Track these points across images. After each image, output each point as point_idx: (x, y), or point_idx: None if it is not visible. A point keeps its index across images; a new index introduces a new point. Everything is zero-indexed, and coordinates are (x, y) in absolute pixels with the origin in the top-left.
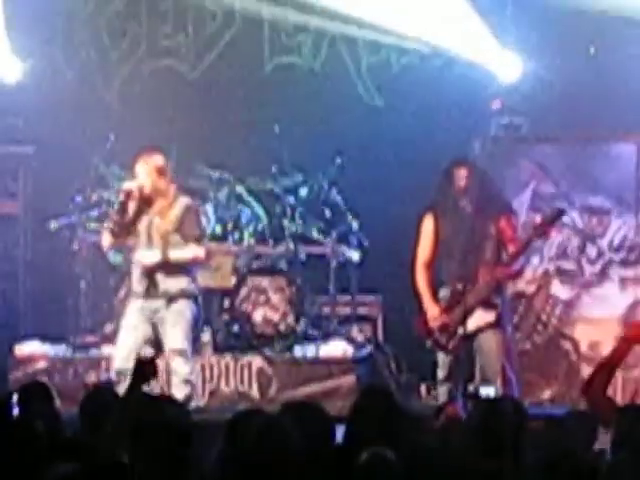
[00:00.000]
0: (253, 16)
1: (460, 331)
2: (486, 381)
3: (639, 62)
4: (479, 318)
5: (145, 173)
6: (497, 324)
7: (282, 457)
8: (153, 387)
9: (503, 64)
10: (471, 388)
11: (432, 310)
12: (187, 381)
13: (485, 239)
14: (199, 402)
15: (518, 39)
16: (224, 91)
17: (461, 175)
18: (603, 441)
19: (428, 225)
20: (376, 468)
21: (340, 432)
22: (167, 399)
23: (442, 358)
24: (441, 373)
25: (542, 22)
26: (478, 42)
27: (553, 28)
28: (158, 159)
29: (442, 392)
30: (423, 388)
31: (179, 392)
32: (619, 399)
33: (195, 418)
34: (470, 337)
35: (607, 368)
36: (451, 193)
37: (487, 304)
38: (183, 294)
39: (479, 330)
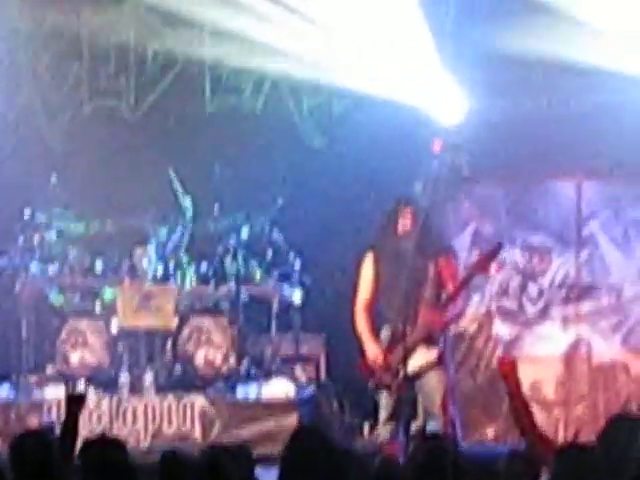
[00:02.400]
0: (194, 57)
1: (402, 371)
2: (429, 420)
3: (579, 105)
4: (421, 358)
5: None
6: (439, 363)
7: None
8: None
9: (446, 105)
10: (414, 427)
11: (373, 350)
12: None
13: (425, 280)
14: (142, 443)
15: (461, 80)
16: (165, 131)
17: (405, 215)
18: None
19: (368, 266)
20: None
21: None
22: (109, 440)
23: (385, 398)
24: (384, 413)
25: (485, 64)
26: (422, 83)
27: (496, 69)
28: None
29: (384, 432)
30: (366, 427)
31: None
32: (562, 438)
33: (137, 460)
34: (413, 377)
35: (517, 408)
36: (393, 233)
37: (429, 343)
38: None
39: (422, 370)
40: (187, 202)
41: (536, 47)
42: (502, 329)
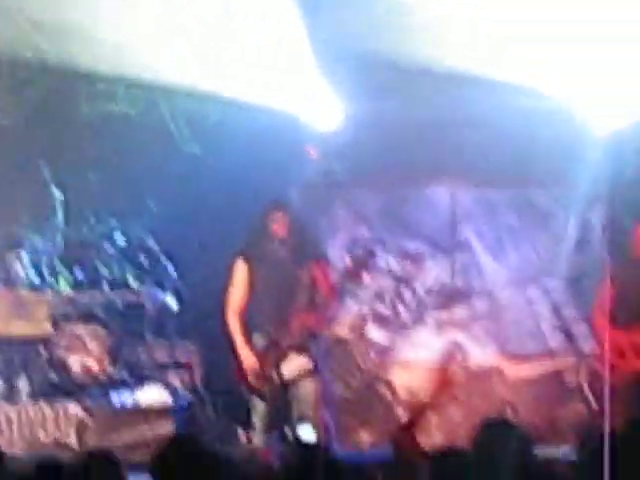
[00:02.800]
0: (69, 64)
1: (275, 377)
2: (303, 426)
3: (455, 112)
4: (295, 364)
5: None
6: (314, 370)
7: None
8: None
9: (321, 111)
10: (289, 433)
11: (246, 357)
12: None
13: (298, 285)
14: (17, 451)
15: (337, 86)
16: (39, 137)
17: (278, 220)
18: None
19: (241, 271)
20: None
21: None
22: None
23: (258, 404)
24: (258, 420)
25: (361, 70)
26: (297, 89)
27: (371, 76)
28: None
29: (258, 439)
30: (240, 434)
31: None
32: (437, 443)
33: (13, 468)
34: (287, 383)
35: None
36: (265, 238)
37: (302, 350)
38: None
39: (296, 376)
40: (61, 208)
41: (412, 53)
42: (377, 334)
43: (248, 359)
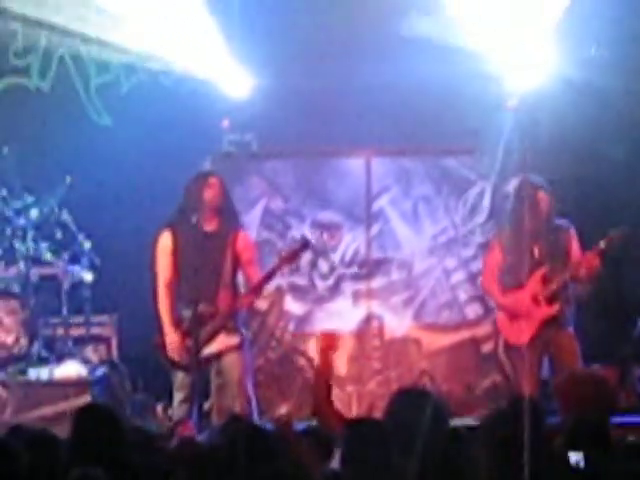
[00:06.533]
0: None
1: (201, 353)
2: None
3: (369, 79)
4: (221, 342)
5: None
6: (239, 347)
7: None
8: None
9: (234, 80)
10: (207, 407)
11: (171, 335)
12: None
13: (224, 259)
14: None
15: (250, 55)
16: None
17: (211, 186)
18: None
19: (166, 243)
20: None
21: None
22: None
23: (180, 379)
24: (179, 394)
25: (274, 38)
26: (208, 58)
27: (284, 44)
28: None
29: (178, 412)
30: (159, 408)
31: None
32: (355, 413)
33: None
34: (210, 358)
35: (319, 382)
36: (197, 206)
37: (228, 329)
38: None
39: (221, 353)
40: None
41: (325, 21)
42: (293, 306)
43: (173, 335)
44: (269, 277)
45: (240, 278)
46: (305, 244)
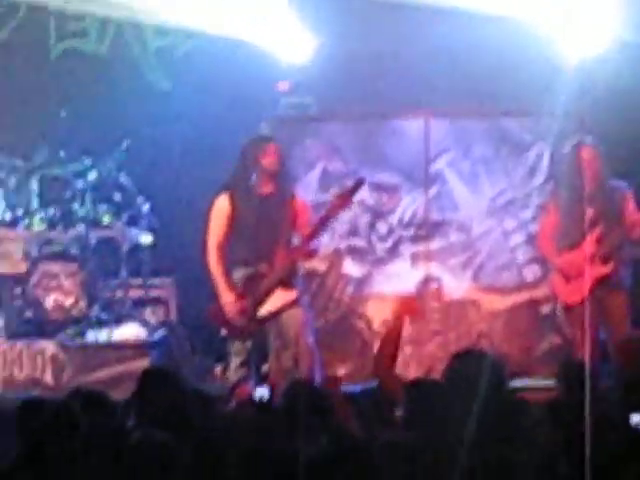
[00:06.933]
0: (38, 2)
1: (260, 313)
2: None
3: (426, 43)
4: (278, 299)
5: None
6: (296, 302)
7: (72, 442)
8: None
9: (292, 44)
10: (265, 369)
11: (227, 297)
12: None
13: (281, 221)
14: None
15: (308, 19)
16: (10, 77)
17: (268, 152)
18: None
19: (223, 205)
20: (144, 448)
21: None
22: None
23: (238, 344)
24: (237, 359)
25: (330, 2)
26: (268, 23)
27: (343, 8)
28: None
29: (235, 376)
30: (218, 370)
31: None
32: (413, 375)
33: None
34: (268, 318)
35: (388, 345)
36: (254, 171)
37: (285, 284)
38: None
39: (279, 311)
40: (36, 147)
41: None
42: (352, 268)
43: (230, 300)
44: (325, 220)
45: (296, 241)
46: (359, 182)
